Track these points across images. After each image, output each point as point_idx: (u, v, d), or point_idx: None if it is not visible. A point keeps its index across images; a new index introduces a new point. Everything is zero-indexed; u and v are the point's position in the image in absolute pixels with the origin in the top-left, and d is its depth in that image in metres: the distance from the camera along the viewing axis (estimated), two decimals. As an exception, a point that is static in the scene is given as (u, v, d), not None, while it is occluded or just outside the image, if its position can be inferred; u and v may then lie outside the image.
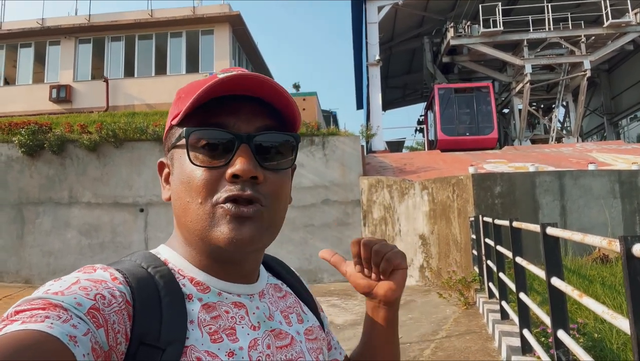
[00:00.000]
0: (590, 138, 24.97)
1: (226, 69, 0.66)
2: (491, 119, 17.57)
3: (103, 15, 17.96)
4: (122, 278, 0.58)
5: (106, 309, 0.51)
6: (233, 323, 0.62)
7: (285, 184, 0.66)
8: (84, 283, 0.53)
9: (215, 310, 0.62)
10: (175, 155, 0.65)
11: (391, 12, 19.30)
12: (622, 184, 8.74)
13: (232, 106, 0.63)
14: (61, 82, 17.35)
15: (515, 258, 4.13)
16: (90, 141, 11.38)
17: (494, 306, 5.75)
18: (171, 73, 17.43)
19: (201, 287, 0.63)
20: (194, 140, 0.62)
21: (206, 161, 0.61)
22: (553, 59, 17.97)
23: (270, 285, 0.74)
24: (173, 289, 0.60)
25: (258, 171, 0.61)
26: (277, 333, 0.67)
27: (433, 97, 18.55)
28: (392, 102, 31.61)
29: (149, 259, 0.64)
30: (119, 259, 0.65)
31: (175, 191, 0.65)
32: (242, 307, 0.65)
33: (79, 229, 11.23)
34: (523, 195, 8.63)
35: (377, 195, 10.65)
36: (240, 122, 0.63)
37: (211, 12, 17.30)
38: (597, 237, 2.03)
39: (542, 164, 11.75)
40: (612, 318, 1.89)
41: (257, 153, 0.62)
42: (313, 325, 0.75)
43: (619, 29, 17.25)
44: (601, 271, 6.12)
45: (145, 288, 0.58)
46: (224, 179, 0.61)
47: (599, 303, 2.15)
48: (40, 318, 0.45)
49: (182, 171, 0.63)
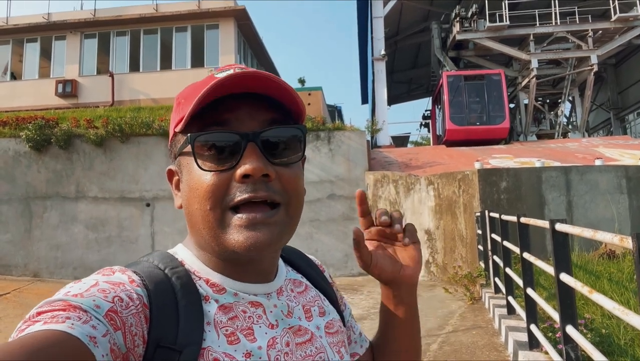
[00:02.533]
0: (597, 133, 24.80)
1: (222, 67, 0.66)
2: (503, 108, 16.64)
3: (108, 10, 17.97)
4: (139, 281, 0.58)
5: (124, 311, 0.52)
6: (250, 323, 0.62)
7: (299, 177, 0.65)
8: (102, 285, 0.54)
9: (232, 310, 0.62)
10: (183, 162, 0.65)
11: (397, 7, 19.20)
12: (629, 179, 8.70)
13: (234, 105, 0.62)
14: (67, 77, 17.39)
15: (523, 253, 4.13)
16: (96, 136, 11.43)
17: (500, 301, 5.76)
18: (176, 68, 17.44)
19: (217, 288, 0.63)
20: (199, 145, 0.61)
21: (214, 165, 0.60)
22: (559, 54, 17.82)
23: (289, 280, 0.74)
24: (190, 291, 0.60)
25: (269, 168, 0.60)
26: (296, 330, 0.67)
27: (441, 86, 17.70)
28: (398, 97, 31.51)
29: (166, 260, 0.65)
30: (137, 260, 0.66)
31: (186, 197, 0.64)
32: (259, 306, 0.65)
33: (86, 223, 11.30)
34: (529, 190, 8.62)
35: (383, 190, 10.66)
36: (244, 120, 0.62)
37: (216, 7, 17.26)
38: (609, 234, 2.04)
39: (548, 159, 11.70)
40: (624, 314, 1.90)
41: (266, 150, 0.61)
42: (334, 318, 0.75)
43: (627, 23, 17.10)
44: (608, 267, 6.12)
45: (162, 291, 0.59)
46: (234, 181, 0.60)
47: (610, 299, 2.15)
48: (61, 318, 0.47)
49: (191, 177, 0.63)
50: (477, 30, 17.93)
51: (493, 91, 16.83)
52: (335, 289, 0.84)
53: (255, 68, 4.16)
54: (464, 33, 17.93)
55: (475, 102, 16.95)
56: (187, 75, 16.80)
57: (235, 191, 0.60)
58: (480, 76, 17.32)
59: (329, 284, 0.83)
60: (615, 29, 17.41)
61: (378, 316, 0.84)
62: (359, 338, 0.86)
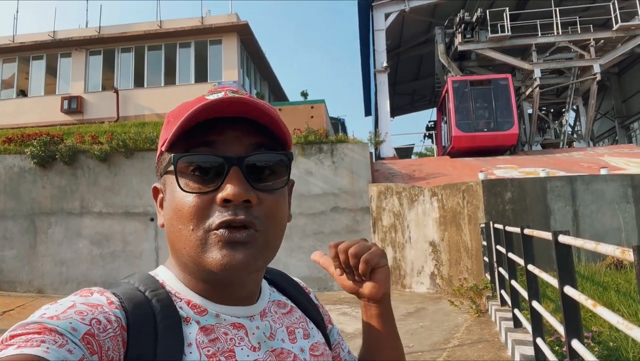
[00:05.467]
0: (602, 142, 24.70)
1: (214, 90, 0.66)
2: (511, 114, 15.96)
3: (113, 27, 18.23)
4: (118, 302, 0.57)
5: (101, 335, 0.51)
6: (232, 345, 0.61)
7: (281, 204, 0.65)
8: (79, 307, 0.53)
9: (213, 332, 0.61)
10: (167, 181, 0.64)
11: (398, 19, 19.33)
12: (635, 188, 8.62)
13: (221, 127, 0.62)
14: (72, 94, 17.60)
15: (527, 266, 4.08)
16: (101, 151, 11.50)
17: (506, 314, 5.68)
18: (180, 83, 17.60)
19: (198, 310, 0.63)
20: (182, 166, 0.61)
21: (196, 187, 0.60)
22: (562, 63, 17.81)
23: (273, 302, 0.73)
24: (169, 313, 0.60)
25: (250, 194, 0.60)
26: (279, 353, 0.66)
27: (446, 92, 17.18)
28: (401, 109, 31.58)
29: (147, 282, 0.64)
30: (117, 282, 0.65)
31: (168, 217, 0.63)
32: (241, 328, 0.64)
33: (91, 238, 11.32)
34: (534, 201, 8.55)
35: (387, 202, 10.62)
36: (230, 144, 0.61)
37: (219, 22, 17.47)
38: (610, 246, 2.00)
39: (553, 169, 11.63)
40: (628, 328, 1.85)
41: (249, 175, 0.61)
42: (318, 341, 0.74)
43: (629, 31, 17.11)
44: (615, 278, 6.03)
45: (141, 313, 0.58)
46: (215, 204, 0.60)
47: (614, 313, 2.11)
48: (36, 342, 0.45)
49: (173, 197, 0.62)
50: (479, 40, 17.99)
51: (500, 96, 16.28)
52: (322, 312, 0.83)
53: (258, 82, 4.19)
54: (466, 44, 17.98)
55: (482, 108, 16.38)
56: (191, 90, 16.93)
57: (216, 214, 0.59)
58: (487, 80, 16.80)
59: (315, 305, 0.82)
60: (617, 38, 17.43)
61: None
62: (348, 356, 0.85)
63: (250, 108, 0.61)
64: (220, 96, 0.61)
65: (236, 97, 0.60)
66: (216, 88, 0.66)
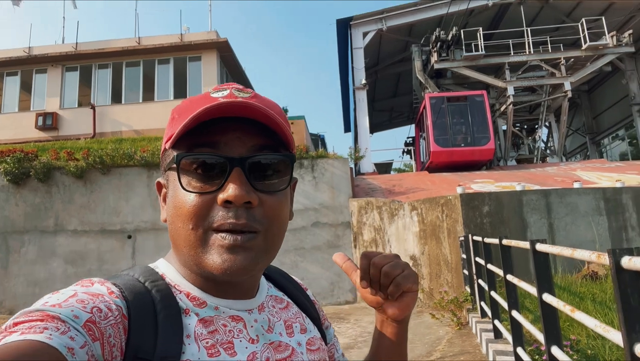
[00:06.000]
0: (574, 157, 25.43)
1: (219, 87, 0.67)
2: (487, 129, 16.31)
3: (90, 44, 18.06)
4: (118, 292, 0.58)
5: (102, 322, 0.52)
6: (231, 337, 0.62)
7: (283, 205, 0.65)
8: (81, 296, 0.54)
9: (212, 324, 0.62)
10: (170, 177, 0.65)
11: (376, 38, 19.70)
12: (607, 201, 8.88)
13: (225, 128, 0.62)
14: (47, 110, 17.29)
15: (506, 275, 4.15)
16: (77, 168, 11.29)
17: (486, 326, 5.74)
18: (159, 99, 17.48)
19: (197, 302, 0.63)
20: (185, 165, 0.61)
21: (198, 187, 0.61)
22: (534, 81, 18.37)
23: (270, 297, 0.74)
24: (169, 304, 0.60)
25: (252, 195, 0.60)
26: (277, 346, 0.67)
27: (424, 108, 17.44)
28: (379, 125, 31.98)
29: (147, 273, 0.65)
30: (117, 273, 0.65)
31: (170, 214, 0.64)
32: (240, 320, 0.65)
33: (65, 257, 11.03)
34: (511, 214, 8.72)
35: (367, 217, 10.67)
36: (233, 145, 0.62)
37: (199, 39, 17.50)
38: (586, 251, 2.07)
39: (529, 183, 11.90)
40: (605, 331, 1.91)
41: (251, 176, 0.61)
42: (315, 336, 0.75)
43: (597, 51, 17.80)
44: (591, 288, 6.17)
45: (142, 302, 0.59)
46: (216, 204, 0.60)
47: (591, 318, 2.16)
48: (39, 329, 0.46)
49: (175, 195, 0.63)
50: (454, 59, 18.43)
51: (476, 112, 16.62)
52: (317, 308, 0.84)
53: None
54: (442, 62, 18.41)
55: (459, 124, 16.67)
56: (170, 106, 16.83)
57: (217, 213, 0.60)
58: (463, 97, 17.12)
59: (312, 302, 0.83)
60: (586, 57, 18.10)
61: (367, 344, 0.84)
62: (342, 358, 0.86)
63: (255, 111, 0.61)
64: (226, 94, 0.63)
65: (241, 102, 0.61)
66: (222, 85, 0.67)
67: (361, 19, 19.23)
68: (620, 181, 9.96)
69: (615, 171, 13.96)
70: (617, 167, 15.05)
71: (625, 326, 1.63)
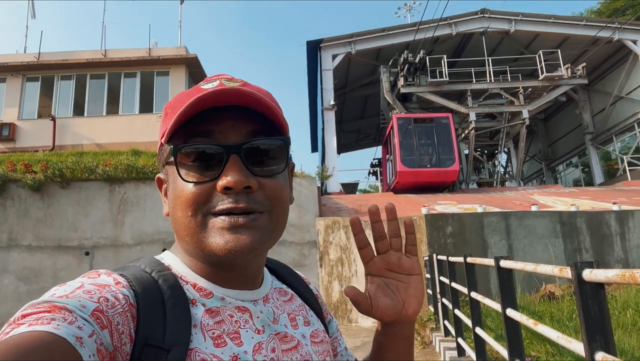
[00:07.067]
0: (531, 182, 26.46)
1: (209, 78, 0.68)
2: (452, 151, 16.60)
3: (54, 54, 17.58)
4: (125, 283, 0.59)
5: (110, 311, 0.52)
6: (237, 327, 0.63)
7: (283, 187, 0.66)
8: (88, 287, 0.54)
9: (219, 314, 0.63)
10: (169, 171, 0.66)
11: (345, 61, 20.09)
12: (563, 224, 9.27)
13: (218, 117, 0.63)
14: (4, 120, 16.61)
15: (471, 293, 4.25)
16: (34, 181, 10.86)
17: (450, 344, 5.83)
18: (123, 113, 17.12)
19: (204, 292, 0.64)
20: (182, 157, 0.62)
21: (197, 176, 0.62)
22: (494, 108, 19.12)
23: (274, 289, 0.75)
24: (177, 293, 0.61)
25: (251, 180, 0.61)
26: (282, 337, 0.68)
27: (391, 128, 17.62)
28: (346, 146, 32.36)
29: (153, 264, 0.65)
30: (123, 265, 0.66)
31: (171, 205, 0.65)
32: (246, 311, 0.66)
33: (18, 274, 10.49)
34: (473, 234, 8.97)
35: (334, 236, 10.71)
36: (227, 132, 0.63)
37: (167, 54, 17.36)
38: (549, 266, 2.17)
39: (489, 205, 12.28)
40: (567, 341, 1.99)
41: (248, 161, 0.62)
42: (318, 328, 0.76)
43: (553, 81, 18.77)
44: (549, 307, 6.39)
45: (149, 292, 0.59)
46: (216, 191, 0.61)
47: (554, 330, 2.26)
48: (46, 320, 0.46)
49: (175, 187, 0.64)
50: (419, 84, 18.99)
51: (442, 134, 16.86)
52: (320, 302, 0.84)
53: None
54: (408, 87, 18.92)
55: (426, 145, 16.85)
56: (135, 120, 16.53)
57: (217, 200, 0.61)
58: (429, 118, 17.38)
59: (314, 296, 0.84)
60: (543, 87, 19.04)
61: (368, 346, 0.83)
62: (345, 352, 0.86)
63: (246, 97, 0.62)
64: (216, 85, 0.63)
65: (231, 88, 0.61)
66: (211, 77, 0.68)
67: (331, 41, 19.61)
68: (575, 206, 10.42)
69: (569, 196, 14.61)
70: (571, 192, 15.76)
71: (586, 335, 1.71)
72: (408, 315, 0.73)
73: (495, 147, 20.90)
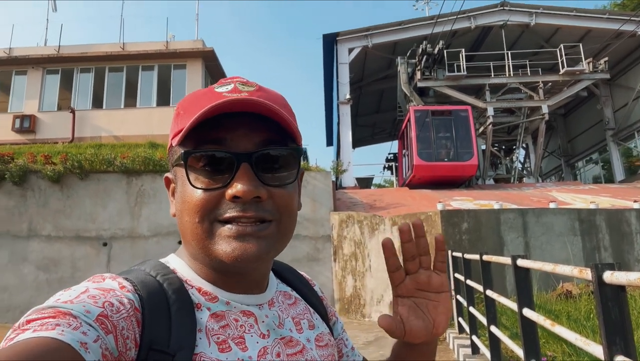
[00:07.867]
0: (549, 179, 26.03)
1: (223, 81, 0.67)
2: (470, 145, 15.99)
3: (73, 47, 17.83)
4: (130, 287, 0.58)
5: (115, 316, 0.52)
6: (242, 332, 0.63)
7: (292, 196, 0.66)
8: (92, 291, 0.54)
9: (224, 319, 0.62)
10: (178, 173, 0.66)
11: (361, 54, 19.96)
12: (582, 222, 9.10)
13: (231, 123, 0.62)
14: (25, 112, 16.94)
15: (486, 291, 4.21)
16: (54, 172, 11.06)
17: (464, 341, 5.78)
18: (141, 106, 17.31)
19: (209, 296, 0.64)
20: (192, 162, 0.62)
21: (206, 183, 0.61)
22: (513, 103, 18.81)
23: (279, 292, 0.75)
24: (182, 298, 0.61)
25: (260, 190, 0.60)
26: (287, 341, 0.67)
27: (408, 121, 17.09)
28: (361, 140, 32.23)
29: (158, 267, 0.65)
30: (128, 269, 0.66)
31: (179, 209, 0.65)
32: (251, 315, 0.65)
33: (37, 263, 10.73)
34: (489, 231, 8.86)
35: (348, 230, 10.69)
36: (239, 140, 0.62)
37: (184, 47, 17.46)
38: (568, 266, 2.12)
39: (506, 202, 12.12)
40: (586, 344, 1.95)
41: (259, 170, 0.61)
42: (323, 331, 0.75)
43: (574, 76, 18.37)
44: (566, 307, 6.29)
45: (154, 296, 0.59)
46: (225, 199, 0.61)
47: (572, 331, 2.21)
48: (51, 325, 0.46)
49: (183, 190, 0.64)
50: (437, 78, 18.76)
51: (460, 127, 16.34)
52: (325, 304, 0.84)
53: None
54: (425, 81, 18.70)
55: (443, 138, 16.34)
56: (153, 113, 16.69)
57: (225, 207, 0.61)
58: (448, 111, 16.88)
59: (319, 298, 0.84)
60: (563, 82, 18.65)
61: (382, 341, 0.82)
62: (351, 352, 0.85)
63: (259, 106, 0.61)
64: (230, 89, 0.63)
65: (245, 98, 0.61)
66: (225, 80, 0.67)
67: (347, 35, 19.48)
68: (594, 203, 10.22)
69: (588, 193, 14.33)
70: (591, 189, 15.46)
71: (606, 338, 1.67)
72: (438, 334, 0.72)
73: (513, 143, 20.57)
